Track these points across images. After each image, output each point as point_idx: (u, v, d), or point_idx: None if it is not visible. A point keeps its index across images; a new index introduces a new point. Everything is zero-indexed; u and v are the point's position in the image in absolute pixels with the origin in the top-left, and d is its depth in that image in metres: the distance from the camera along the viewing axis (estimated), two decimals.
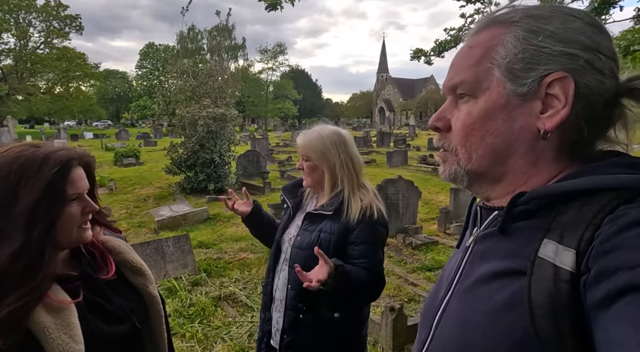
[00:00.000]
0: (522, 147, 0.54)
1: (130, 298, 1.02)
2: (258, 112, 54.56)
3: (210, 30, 14.90)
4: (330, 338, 1.45)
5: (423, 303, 2.94)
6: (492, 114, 0.54)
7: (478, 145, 0.56)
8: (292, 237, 1.54)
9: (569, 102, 0.50)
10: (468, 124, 0.56)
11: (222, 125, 8.77)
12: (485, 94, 0.55)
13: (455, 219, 6.26)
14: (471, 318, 0.52)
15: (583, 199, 0.47)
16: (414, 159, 14.32)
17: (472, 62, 0.56)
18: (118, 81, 62.59)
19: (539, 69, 0.51)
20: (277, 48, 56.82)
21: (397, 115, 66.18)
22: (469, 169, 0.57)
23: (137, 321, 1.00)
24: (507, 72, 0.53)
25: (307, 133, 1.53)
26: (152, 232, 6.21)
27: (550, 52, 0.50)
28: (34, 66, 35.31)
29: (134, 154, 14.04)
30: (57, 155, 0.84)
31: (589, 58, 0.50)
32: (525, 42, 0.52)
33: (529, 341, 0.44)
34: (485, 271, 0.53)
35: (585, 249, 0.44)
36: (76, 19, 37.34)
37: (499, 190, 0.58)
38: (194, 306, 3.49)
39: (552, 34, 0.51)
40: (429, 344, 0.60)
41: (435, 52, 3.85)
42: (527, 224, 0.51)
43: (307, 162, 1.50)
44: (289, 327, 1.46)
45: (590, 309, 0.41)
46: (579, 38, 0.50)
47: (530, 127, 0.53)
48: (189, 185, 8.72)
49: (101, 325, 0.91)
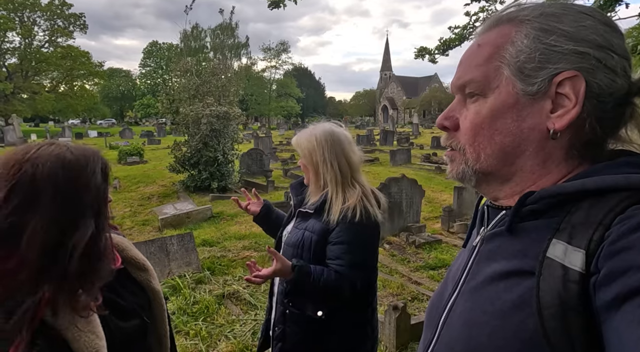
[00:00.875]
0: (532, 147, 0.53)
1: (136, 294, 1.04)
2: (261, 110, 54.63)
3: (214, 29, 14.95)
4: (314, 336, 1.44)
5: (427, 302, 2.93)
6: (501, 113, 0.54)
7: (486, 144, 0.55)
8: (287, 234, 1.59)
9: (579, 102, 0.49)
10: (476, 123, 0.55)
11: (226, 123, 8.78)
12: (494, 93, 0.54)
13: (459, 218, 6.24)
14: (478, 318, 0.51)
15: (593, 199, 0.47)
16: (417, 158, 14.28)
17: (481, 60, 0.55)
18: (122, 80, 62.72)
19: (549, 68, 0.50)
20: (280, 46, 56.97)
21: (400, 113, 66.04)
22: (477, 168, 0.56)
23: (146, 315, 1.03)
24: (517, 71, 0.52)
25: (300, 132, 1.55)
26: (156, 231, 6.24)
27: (562, 51, 0.49)
28: (38, 65, 35.51)
29: (138, 152, 14.10)
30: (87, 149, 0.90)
31: (601, 57, 0.49)
32: (537, 40, 0.51)
33: (537, 342, 0.44)
34: (492, 271, 0.53)
35: (595, 249, 0.43)
36: (80, 17, 37.52)
37: (507, 190, 0.57)
38: (198, 304, 3.50)
39: (564, 32, 0.50)
40: (434, 344, 0.59)
41: (440, 51, 3.84)
42: (535, 224, 0.51)
43: (301, 160, 1.54)
44: (279, 320, 1.51)
45: (600, 311, 0.41)
46: (591, 36, 0.49)
47: (540, 126, 0.52)
48: (192, 183, 8.75)
49: (117, 321, 0.93)
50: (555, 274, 0.44)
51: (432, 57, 3.90)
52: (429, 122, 47.42)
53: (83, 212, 0.81)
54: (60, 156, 0.82)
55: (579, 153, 0.53)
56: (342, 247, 1.37)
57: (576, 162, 0.53)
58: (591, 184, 0.47)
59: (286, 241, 1.53)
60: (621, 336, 0.38)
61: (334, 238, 1.39)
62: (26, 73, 35.66)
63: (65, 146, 0.86)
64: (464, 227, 5.88)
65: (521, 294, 0.47)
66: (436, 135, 20.12)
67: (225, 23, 11.77)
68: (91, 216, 0.82)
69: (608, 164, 0.51)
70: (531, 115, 0.52)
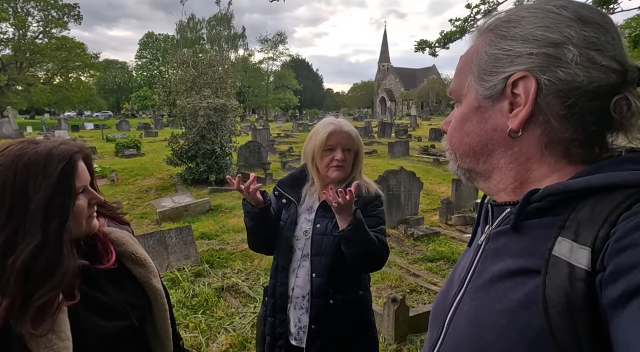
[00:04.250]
0: (499, 146, 0.56)
1: (132, 292, 1.00)
2: (259, 102, 54.30)
3: (209, 20, 14.79)
4: (353, 317, 1.53)
5: (425, 294, 2.94)
6: (468, 117, 0.59)
7: (458, 145, 0.61)
8: (309, 229, 1.54)
9: (529, 100, 0.51)
10: (452, 126, 0.62)
11: (223, 116, 8.74)
12: (465, 100, 0.59)
13: (457, 210, 6.26)
14: (485, 317, 0.51)
15: (598, 196, 0.46)
16: (415, 150, 14.28)
17: (458, 71, 0.62)
18: (118, 71, 62.19)
19: (504, 72, 0.53)
20: (277, 37, 56.40)
21: (398, 105, 65.87)
22: (460, 165, 0.62)
23: (137, 316, 0.98)
24: (477, 77, 0.57)
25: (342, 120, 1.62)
26: (154, 224, 6.24)
27: (514, 54, 0.52)
28: (33, 56, 35.08)
29: (135, 144, 14.03)
30: (60, 150, 0.85)
31: (557, 53, 0.49)
32: (494, 47, 0.55)
33: (544, 341, 0.44)
34: (498, 270, 0.53)
35: (600, 247, 0.43)
36: (74, 7, 37.01)
37: (493, 186, 0.60)
38: (197, 297, 3.52)
39: (518, 36, 0.52)
40: (440, 343, 0.59)
41: (440, 44, 3.80)
42: (540, 222, 0.50)
43: (350, 152, 1.57)
44: (317, 316, 1.49)
45: (606, 308, 0.40)
46: (545, 35, 0.50)
47: (502, 126, 0.55)
48: (190, 176, 8.73)
49: (96, 320, 0.90)
50: (561, 272, 0.44)
51: (432, 50, 3.86)
52: (427, 114, 47.36)
53: (30, 219, 0.78)
54: (18, 157, 0.80)
55: (567, 150, 0.52)
56: (374, 220, 1.52)
57: (577, 160, 0.53)
58: (596, 181, 0.47)
59: (318, 232, 1.53)
60: (627, 333, 0.37)
61: (367, 213, 1.52)
62: (20, 65, 35.26)
63: (38, 144, 0.84)
64: (462, 220, 5.90)
65: (527, 293, 0.47)
66: (434, 127, 20.11)
67: (220, 14, 11.66)
68: (38, 224, 0.78)
69: (612, 160, 0.50)
70: (493, 117, 0.56)
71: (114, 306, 0.94)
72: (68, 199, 0.84)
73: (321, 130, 1.54)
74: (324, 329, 1.48)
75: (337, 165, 1.52)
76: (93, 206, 0.93)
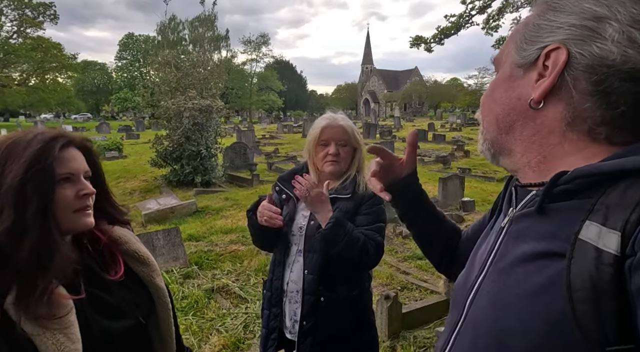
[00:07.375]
0: (521, 117, 0.55)
1: (135, 291, 0.98)
2: (242, 104, 53.79)
3: (192, 21, 14.62)
4: (348, 317, 1.51)
5: (416, 291, 2.95)
6: (499, 84, 0.59)
7: (486, 112, 0.61)
8: (304, 226, 1.54)
9: (555, 72, 0.50)
10: (485, 94, 0.62)
11: (208, 117, 8.63)
12: (502, 68, 0.60)
13: (444, 209, 6.34)
14: (505, 300, 0.50)
15: (630, 180, 0.44)
16: (400, 151, 14.40)
17: (506, 41, 0.61)
18: (97, 73, 60.53)
19: (541, 42, 0.53)
20: (260, 39, 56.09)
21: (382, 106, 66.40)
22: (486, 138, 0.62)
23: (141, 315, 0.96)
24: (517, 46, 0.56)
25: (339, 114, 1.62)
26: (139, 226, 6.09)
27: (557, 25, 0.51)
28: (6, 57, 33.80)
29: (117, 147, 13.72)
30: (44, 135, 0.84)
31: (597, 27, 0.48)
32: (541, 17, 0.54)
33: (566, 325, 0.43)
34: (521, 253, 0.52)
35: (632, 231, 0.41)
36: (50, 6, 35.87)
37: (517, 160, 0.59)
38: (187, 299, 3.45)
39: (567, 7, 0.51)
40: (461, 325, 0.59)
41: (435, 39, 3.84)
42: (566, 205, 0.49)
43: (345, 147, 1.56)
44: (308, 313, 1.48)
45: (635, 295, 0.39)
46: (592, 9, 0.48)
47: (526, 96, 0.54)
48: (175, 178, 8.57)
49: (102, 321, 0.87)
50: (587, 256, 0.43)
51: (427, 46, 3.91)
52: (410, 115, 47.93)
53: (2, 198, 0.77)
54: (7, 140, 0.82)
55: (600, 130, 0.50)
56: (369, 218, 1.53)
57: (601, 139, 0.51)
58: (629, 164, 0.45)
59: (310, 227, 1.53)
60: None
61: (362, 211, 1.53)
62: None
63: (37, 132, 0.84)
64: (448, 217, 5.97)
65: (550, 276, 0.46)
66: (417, 128, 20.31)
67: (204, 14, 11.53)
68: (11, 204, 0.76)
69: None
70: (520, 86, 0.55)
71: (120, 306, 0.92)
72: (45, 183, 0.80)
73: (316, 125, 1.57)
74: (315, 326, 1.47)
75: (331, 160, 1.52)
76: (83, 198, 0.86)
